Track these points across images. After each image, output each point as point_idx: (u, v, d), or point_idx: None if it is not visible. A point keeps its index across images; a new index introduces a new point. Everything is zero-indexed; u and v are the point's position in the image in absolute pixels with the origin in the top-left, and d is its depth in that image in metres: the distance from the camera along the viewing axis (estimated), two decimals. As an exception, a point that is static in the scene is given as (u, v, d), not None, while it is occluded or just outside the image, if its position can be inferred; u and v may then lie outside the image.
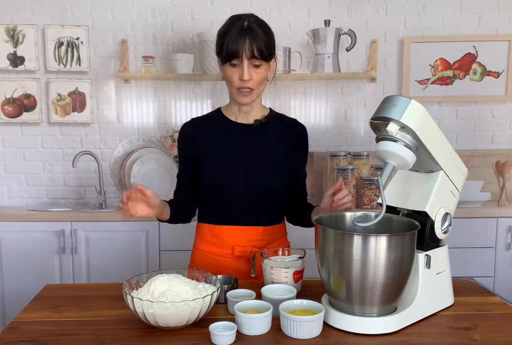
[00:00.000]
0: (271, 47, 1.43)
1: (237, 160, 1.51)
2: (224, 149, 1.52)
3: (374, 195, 2.70)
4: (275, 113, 1.61)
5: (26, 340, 1.07)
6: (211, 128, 1.56)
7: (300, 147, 1.60)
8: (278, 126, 1.57)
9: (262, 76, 1.44)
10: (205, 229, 1.58)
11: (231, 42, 1.38)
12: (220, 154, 1.52)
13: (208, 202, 1.56)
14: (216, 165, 1.51)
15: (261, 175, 1.50)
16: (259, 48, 1.38)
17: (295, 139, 1.58)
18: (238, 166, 1.50)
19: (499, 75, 2.96)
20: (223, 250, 1.54)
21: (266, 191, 1.50)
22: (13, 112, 2.94)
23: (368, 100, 3.02)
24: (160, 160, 2.75)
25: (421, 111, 1.14)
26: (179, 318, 1.08)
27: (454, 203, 1.28)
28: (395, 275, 1.08)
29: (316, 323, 1.07)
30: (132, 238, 2.60)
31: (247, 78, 1.40)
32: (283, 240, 1.63)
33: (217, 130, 1.55)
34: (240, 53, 1.38)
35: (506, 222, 2.62)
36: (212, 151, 1.53)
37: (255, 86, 1.44)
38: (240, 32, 1.38)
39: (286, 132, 1.57)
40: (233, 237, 1.53)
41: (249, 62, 1.40)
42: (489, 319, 1.18)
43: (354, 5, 2.95)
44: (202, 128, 1.56)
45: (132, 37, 2.95)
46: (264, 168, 1.51)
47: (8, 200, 3.02)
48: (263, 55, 1.40)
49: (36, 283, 1.85)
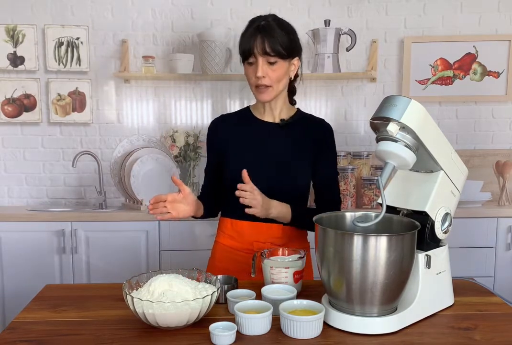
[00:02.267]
0: (289, 45, 1.45)
1: (261, 158, 1.53)
2: (249, 146, 1.55)
3: (374, 195, 2.70)
4: (302, 113, 1.62)
5: (26, 340, 1.07)
6: (238, 125, 1.59)
7: (325, 147, 1.58)
8: (304, 126, 1.58)
9: (279, 73, 1.46)
10: (227, 223, 1.60)
11: (245, 40, 1.43)
12: (244, 151, 1.54)
13: (231, 197, 1.56)
14: (240, 162, 1.53)
15: (284, 173, 1.52)
16: (272, 45, 1.41)
17: (321, 139, 1.58)
18: (262, 164, 1.52)
19: (499, 75, 2.96)
20: (243, 245, 1.57)
21: (289, 190, 1.50)
22: (13, 112, 2.94)
23: (368, 100, 3.02)
24: (160, 160, 2.75)
25: (421, 111, 1.13)
26: (179, 318, 1.08)
27: (454, 203, 1.28)
28: (395, 275, 1.08)
29: (316, 323, 1.07)
30: (132, 238, 2.61)
31: (260, 74, 1.43)
32: (303, 240, 1.63)
33: (244, 128, 1.58)
34: (252, 51, 1.41)
35: (506, 222, 2.62)
36: (237, 148, 1.55)
37: (272, 83, 1.46)
38: (254, 31, 1.42)
39: (312, 132, 1.57)
40: (254, 233, 1.55)
41: (263, 59, 1.42)
42: (489, 319, 1.18)
43: (354, 5, 2.95)
44: (229, 125, 1.60)
45: (132, 37, 2.95)
46: (288, 167, 1.52)
47: (8, 200, 3.02)
48: (277, 53, 1.42)
49: (36, 283, 1.85)
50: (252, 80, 1.47)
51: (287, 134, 1.56)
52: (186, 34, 2.96)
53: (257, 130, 1.57)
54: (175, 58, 2.84)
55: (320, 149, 1.57)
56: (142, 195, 2.70)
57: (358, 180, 2.75)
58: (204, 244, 2.50)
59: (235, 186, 1.49)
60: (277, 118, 1.57)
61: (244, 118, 1.60)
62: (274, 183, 1.51)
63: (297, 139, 1.55)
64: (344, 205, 2.71)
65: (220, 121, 1.63)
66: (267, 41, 1.41)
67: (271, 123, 1.57)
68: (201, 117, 3.03)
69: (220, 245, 1.62)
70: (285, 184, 1.52)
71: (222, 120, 1.63)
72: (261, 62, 1.42)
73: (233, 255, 1.58)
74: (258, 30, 1.42)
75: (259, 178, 1.48)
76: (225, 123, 1.61)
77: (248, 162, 1.51)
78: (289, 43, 1.45)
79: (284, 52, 1.43)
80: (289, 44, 1.44)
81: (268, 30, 1.41)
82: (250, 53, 1.42)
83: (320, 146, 1.57)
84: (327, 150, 1.59)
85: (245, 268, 1.49)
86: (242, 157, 1.54)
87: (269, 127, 1.56)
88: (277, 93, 1.50)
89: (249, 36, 1.42)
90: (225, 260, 1.58)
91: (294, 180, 1.53)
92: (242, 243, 1.57)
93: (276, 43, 1.41)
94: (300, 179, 1.55)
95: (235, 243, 1.58)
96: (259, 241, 1.55)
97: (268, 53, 1.41)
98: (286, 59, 1.46)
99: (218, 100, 3.02)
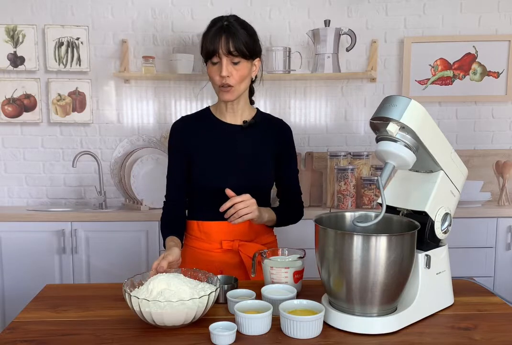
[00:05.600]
0: (251, 46, 1.46)
1: (227, 159, 1.55)
2: (213, 149, 1.56)
3: (374, 195, 2.70)
4: (262, 114, 1.65)
5: (26, 340, 1.07)
6: (201, 127, 1.59)
7: (286, 147, 1.63)
8: (265, 127, 1.61)
9: (242, 73, 1.47)
10: (193, 225, 1.61)
11: (209, 40, 1.44)
12: (209, 154, 1.56)
13: (196, 200, 1.61)
14: (204, 164, 1.55)
15: (248, 174, 1.55)
16: (236, 45, 1.42)
17: (281, 140, 1.62)
18: (226, 166, 1.54)
19: (499, 75, 2.96)
20: (212, 244, 1.58)
21: (253, 190, 1.50)
22: (13, 112, 2.94)
23: (368, 100, 3.02)
24: (160, 160, 2.75)
25: (421, 111, 1.13)
26: (176, 317, 1.08)
27: (454, 203, 1.28)
28: (395, 275, 1.08)
29: (316, 323, 1.07)
30: (132, 238, 2.61)
31: (225, 74, 1.44)
32: (270, 234, 1.67)
33: (207, 130, 1.59)
34: (217, 50, 1.43)
35: (506, 222, 2.62)
36: (201, 150, 1.56)
37: (235, 83, 1.47)
38: (218, 31, 1.43)
39: (273, 132, 1.61)
40: (221, 232, 1.57)
41: (227, 59, 1.44)
42: (489, 319, 1.18)
43: (354, 5, 2.95)
44: (192, 128, 1.60)
45: (132, 37, 2.95)
46: (251, 168, 1.56)
47: (8, 200, 3.02)
48: (241, 53, 1.43)
49: (36, 283, 1.85)
50: (216, 79, 1.47)
51: (250, 135, 1.58)
52: (186, 34, 2.96)
53: (220, 133, 1.58)
54: (175, 58, 2.84)
55: (282, 149, 1.62)
56: (142, 195, 2.70)
57: (358, 180, 2.75)
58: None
59: (200, 189, 1.56)
60: (239, 119, 1.59)
61: (206, 120, 1.60)
62: (242, 183, 1.52)
63: (260, 140, 1.59)
64: (344, 205, 2.71)
65: (181, 124, 1.62)
66: (232, 41, 1.42)
67: (234, 125, 1.58)
68: (201, 117, 3.02)
69: (189, 248, 1.62)
70: (252, 184, 1.54)
71: (183, 123, 1.61)
72: (226, 62, 1.44)
73: (203, 255, 1.58)
74: (222, 30, 1.43)
75: (224, 179, 1.52)
76: (187, 126, 1.60)
77: (213, 164, 1.55)
78: (252, 43, 1.47)
79: (247, 52, 1.45)
80: (251, 44, 1.47)
81: (231, 31, 1.43)
82: (215, 52, 1.43)
83: (282, 146, 1.62)
84: (289, 149, 1.64)
85: (218, 266, 1.54)
86: (207, 159, 1.55)
87: (233, 129, 1.58)
88: (240, 93, 1.51)
89: (213, 36, 1.43)
90: (195, 261, 1.56)
91: (260, 181, 1.57)
92: (210, 243, 1.58)
93: (240, 43, 1.43)
94: (266, 179, 1.59)
95: (203, 244, 1.59)
96: (228, 239, 1.56)
97: (232, 53, 1.43)
98: (248, 60, 1.47)
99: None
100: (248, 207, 1.39)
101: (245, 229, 1.57)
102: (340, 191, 2.71)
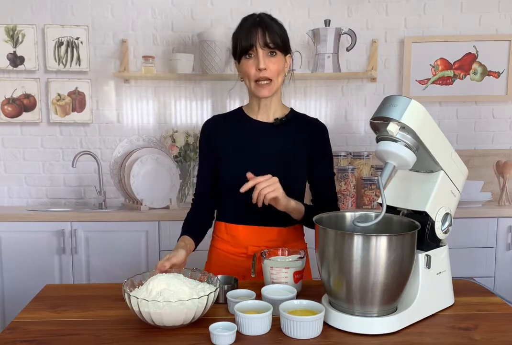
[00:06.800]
0: (285, 40, 1.46)
1: (255, 159, 1.51)
2: (243, 147, 1.53)
3: (374, 195, 2.70)
4: (296, 113, 1.61)
5: (26, 340, 1.07)
6: (231, 125, 1.57)
7: (320, 147, 1.57)
8: (298, 126, 1.56)
9: (279, 66, 1.46)
10: (221, 227, 1.59)
11: (244, 35, 1.43)
12: (238, 152, 1.52)
13: (225, 200, 1.57)
14: (234, 163, 1.52)
15: (279, 174, 1.44)
16: (272, 37, 1.42)
17: (315, 139, 1.56)
18: (256, 165, 1.48)
19: (500, 75, 2.96)
20: (238, 249, 1.55)
21: (288, 189, 1.44)
22: (13, 112, 2.94)
23: (368, 100, 3.01)
24: (160, 160, 2.75)
25: (421, 111, 1.13)
26: (175, 317, 1.08)
27: (455, 203, 1.28)
28: (395, 275, 1.08)
29: (316, 323, 1.07)
30: (132, 238, 2.60)
31: (263, 66, 1.42)
32: (300, 242, 1.61)
33: (238, 128, 1.56)
34: (254, 43, 1.41)
35: (506, 222, 2.62)
36: (231, 149, 1.53)
37: (273, 76, 1.45)
38: (253, 25, 1.43)
39: (306, 132, 1.56)
40: (248, 237, 1.53)
41: (263, 52, 1.43)
42: (489, 319, 1.18)
43: (354, 5, 2.94)
44: (223, 126, 1.57)
45: (132, 37, 2.95)
46: (282, 168, 1.50)
47: (8, 200, 3.02)
48: (277, 45, 1.43)
49: (36, 283, 1.85)
50: (252, 73, 1.44)
51: (282, 134, 1.54)
52: (186, 34, 2.96)
53: (252, 131, 1.54)
54: (175, 58, 2.84)
55: (316, 148, 1.56)
56: (142, 195, 2.70)
57: (358, 180, 2.75)
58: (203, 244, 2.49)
59: (229, 189, 1.50)
60: (271, 117, 1.55)
61: (238, 119, 1.58)
62: None
63: (292, 138, 1.54)
64: (344, 205, 2.71)
65: (211, 122, 1.60)
66: (268, 33, 1.42)
67: (266, 123, 1.55)
68: (201, 117, 3.02)
69: (215, 249, 1.61)
70: (284, 183, 1.48)
71: (215, 122, 1.60)
72: (262, 54, 1.42)
73: (228, 259, 1.56)
74: (257, 24, 1.43)
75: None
76: (218, 125, 1.58)
77: (242, 163, 1.50)
78: (285, 37, 1.47)
79: (281, 44, 1.44)
80: (285, 38, 1.47)
81: (266, 24, 1.43)
82: (252, 47, 1.42)
83: (316, 146, 1.56)
84: (323, 150, 1.58)
85: (240, 272, 1.49)
86: (236, 158, 1.52)
87: (264, 127, 1.54)
88: (276, 88, 1.49)
89: (248, 30, 1.42)
90: (220, 264, 1.56)
91: (292, 180, 1.51)
92: (236, 247, 1.55)
93: (275, 35, 1.43)
94: (299, 178, 1.54)
95: (229, 247, 1.57)
96: (254, 244, 1.53)
97: (268, 45, 1.42)
98: (283, 53, 1.47)
99: (218, 100, 3.02)
100: (270, 185, 1.32)
101: (273, 235, 1.53)
102: (341, 191, 2.70)
